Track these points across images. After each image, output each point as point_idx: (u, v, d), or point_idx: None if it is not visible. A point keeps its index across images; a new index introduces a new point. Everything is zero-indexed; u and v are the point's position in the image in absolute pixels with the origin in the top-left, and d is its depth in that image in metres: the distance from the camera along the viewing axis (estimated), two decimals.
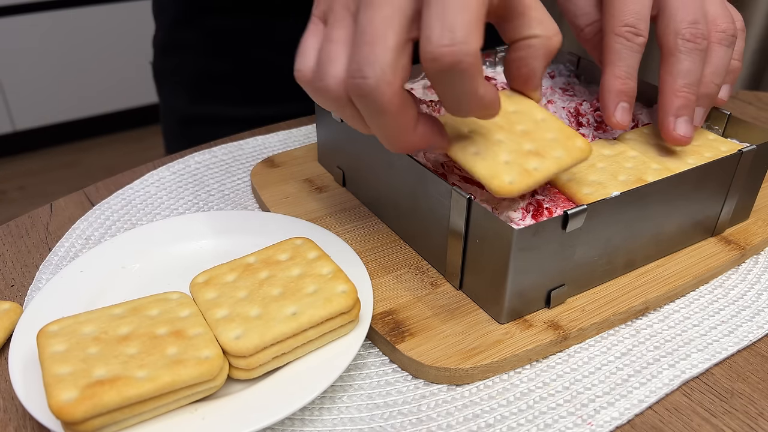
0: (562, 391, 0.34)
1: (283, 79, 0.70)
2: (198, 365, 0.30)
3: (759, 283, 0.42)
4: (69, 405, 0.27)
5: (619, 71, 0.42)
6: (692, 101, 0.41)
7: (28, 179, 2.12)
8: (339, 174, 0.49)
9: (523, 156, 0.35)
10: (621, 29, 0.41)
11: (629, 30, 0.41)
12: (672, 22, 0.41)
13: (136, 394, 0.28)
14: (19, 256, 0.44)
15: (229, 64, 0.70)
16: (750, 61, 1.28)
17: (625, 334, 0.38)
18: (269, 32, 0.68)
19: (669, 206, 0.39)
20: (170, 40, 0.72)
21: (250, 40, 0.68)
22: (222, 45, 0.69)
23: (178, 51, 0.72)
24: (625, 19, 0.41)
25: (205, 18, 0.68)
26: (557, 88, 0.55)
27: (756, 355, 0.37)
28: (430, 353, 0.34)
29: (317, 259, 0.36)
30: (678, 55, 0.41)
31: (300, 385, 0.31)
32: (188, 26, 0.69)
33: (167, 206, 0.49)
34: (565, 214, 0.34)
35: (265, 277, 0.35)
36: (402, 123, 0.31)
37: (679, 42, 0.41)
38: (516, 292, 0.35)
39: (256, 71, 0.70)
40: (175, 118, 0.77)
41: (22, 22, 2.00)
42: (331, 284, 0.34)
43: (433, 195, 0.38)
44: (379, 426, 0.32)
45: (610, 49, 0.42)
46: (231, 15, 0.67)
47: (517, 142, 0.36)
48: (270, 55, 0.69)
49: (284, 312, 0.32)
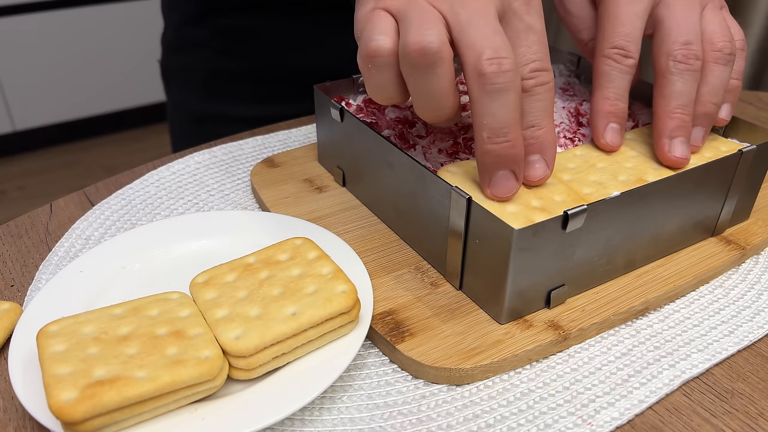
0: (563, 392, 0.34)
1: (294, 78, 0.70)
2: (198, 365, 0.30)
3: (759, 283, 0.42)
4: (69, 405, 0.27)
5: (608, 93, 0.42)
6: (687, 122, 0.41)
7: (28, 179, 2.12)
8: (339, 174, 0.49)
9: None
10: (610, 51, 0.42)
11: (618, 52, 0.42)
12: (664, 44, 0.41)
13: (136, 394, 0.28)
14: (18, 256, 0.44)
15: (239, 62, 0.70)
16: (750, 61, 1.28)
17: (626, 334, 0.38)
18: (281, 31, 0.68)
19: (669, 206, 0.39)
20: (180, 39, 0.72)
21: (262, 39, 0.69)
22: (233, 44, 0.69)
23: (188, 49, 0.72)
24: (615, 41, 0.42)
25: (216, 17, 0.68)
26: (557, 88, 0.55)
27: (756, 355, 0.37)
28: (430, 353, 0.34)
29: (317, 259, 0.36)
30: (670, 77, 0.41)
31: (300, 385, 0.31)
32: (199, 25, 0.70)
33: (167, 206, 0.49)
34: (565, 214, 0.34)
35: (265, 277, 0.35)
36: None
37: (670, 64, 0.41)
38: (516, 292, 0.35)
39: (266, 70, 0.70)
40: (184, 116, 0.77)
41: (22, 22, 2.00)
42: (331, 284, 0.34)
43: (433, 195, 0.38)
44: (379, 426, 0.32)
45: (599, 71, 0.43)
46: (243, 14, 0.67)
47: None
48: (281, 54, 0.69)
49: (284, 312, 0.32)
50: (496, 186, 0.36)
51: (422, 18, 0.33)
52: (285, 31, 0.68)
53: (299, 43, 0.69)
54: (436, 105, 0.35)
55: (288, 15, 0.67)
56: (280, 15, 0.67)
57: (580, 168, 0.41)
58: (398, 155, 0.40)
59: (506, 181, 0.36)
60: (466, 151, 0.43)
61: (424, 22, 0.33)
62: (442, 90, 0.34)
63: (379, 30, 0.34)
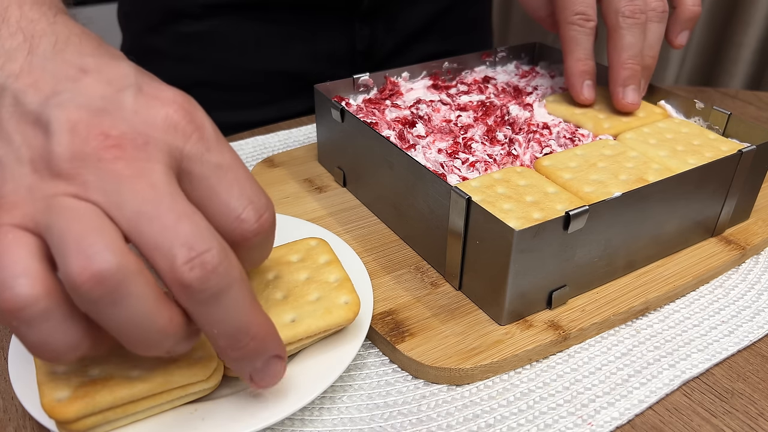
0: (563, 392, 0.34)
1: (259, 81, 0.70)
2: (191, 366, 0.29)
3: (759, 283, 0.42)
4: (61, 404, 0.27)
5: (579, 54, 0.47)
6: (638, 71, 0.47)
7: None
8: (339, 174, 0.49)
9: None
10: (573, 18, 0.47)
11: (580, 17, 0.47)
12: (612, 2, 0.46)
13: (129, 394, 0.28)
14: None
15: (202, 69, 0.69)
16: (750, 61, 1.28)
17: (626, 334, 0.38)
18: (243, 34, 0.67)
19: (669, 206, 0.39)
20: (140, 48, 0.70)
21: (224, 44, 0.67)
22: (194, 50, 0.68)
23: (149, 58, 0.70)
24: (575, 8, 0.47)
25: (176, 23, 0.67)
26: (558, 87, 0.55)
27: (756, 355, 0.37)
28: (430, 353, 0.34)
29: (327, 264, 0.35)
30: (620, 32, 0.46)
31: (300, 385, 0.31)
32: (158, 33, 0.68)
33: None
34: (566, 215, 0.34)
35: (272, 278, 0.35)
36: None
37: (620, 19, 0.46)
38: (516, 294, 0.35)
39: (230, 75, 0.69)
40: None
41: None
42: (335, 294, 0.34)
43: (432, 195, 0.38)
44: (379, 426, 0.32)
45: (566, 37, 0.48)
46: (203, 19, 0.66)
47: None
48: (244, 58, 0.68)
49: (283, 318, 0.32)
50: (263, 378, 0.28)
51: (78, 229, 0.23)
52: (247, 34, 0.67)
53: (262, 45, 0.68)
54: (151, 330, 0.24)
55: (250, 18, 0.66)
56: (242, 18, 0.66)
57: (580, 167, 0.41)
58: (398, 155, 0.40)
59: (274, 366, 0.28)
60: (465, 151, 0.44)
61: (84, 235, 0.23)
62: (146, 312, 0.24)
63: (13, 270, 0.23)
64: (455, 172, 0.41)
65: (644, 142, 0.45)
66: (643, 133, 0.46)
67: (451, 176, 0.41)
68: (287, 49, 0.68)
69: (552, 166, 0.42)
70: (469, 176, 0.41)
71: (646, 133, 0.46)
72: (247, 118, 0.66)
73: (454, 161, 0.42)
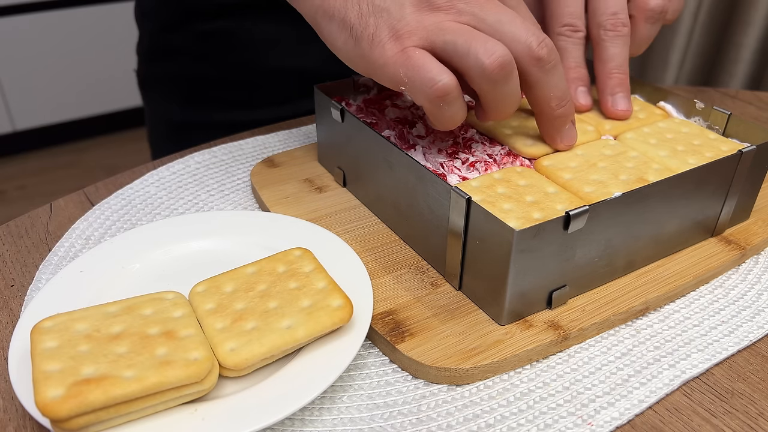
0: (563, 392, 0.34)
1: (276, 80, 0.70)
2: (185, 367, 0.29)
3: (759, 283, 0.42)
4: (54, 402, 0.27)
5: (569, 63, 0.49)
6: (624, 80, 0.48)
7: (28, 179, 2.12)
8: (339, 174, 0.49)
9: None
10: (561, 29, 0.48)
11: (569, 28, 0.48)
12: (594, 16, 0.48)
13: (122, 394, 0.28)
14: (18, 256, 0.44)
15: (220, 68, 0.69)
16: (750, 61, 1.28)
17: (626, 335, 0.38)
18: (262, 34, 0.67)
19: (669, 206, 0.39)
20: (157, 46, 0.71)
21: (242, 43, 0.68)
22: (213, 49, 0.68)
23: (167, 57, 0.71)
24: (563, 20, 0.48)
25: (195, 22, 0.67)
26: None
27: (756, 355, 0.37)
28: (430, 353, 0.34)
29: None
30: (603, 44, 0.48)
31: (300, 385, 0.31)
32: (176, 31, 0.68)
33: (167, 206, 0.49)
34: (566, 215, 0.34)
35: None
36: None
37: (601, 32, 0.48)
38: (516, 294, 0.35)
39: (248, 74, 0.70)
40: (165, 126, 0.76)
41: (22, 22, 2.00)
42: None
43: (432, 195, 0.38)
44: (379, 426, 0.32)
45: (557, 47, 0.48)
46: (222, 18, 0.67)
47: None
48: (263, 57, 0.68)
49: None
50: (566, 138, 0.43)
51: (472, 37, 0.36)
52: (264, 33, 0.67)
53: (278, 45, 0.68)
54: (515, 102, 0.39)
55: (269, 17, 0.66)
56: (258, 17, 0.66)
57: (581, 167, 0.41)
58: (398, 155, 0.40)
59: (571, 131, 0.43)
60: (465, 151, 0.43)
61: (480, 40, 0.36)
62: (518, 89, 0.38)
63: (435, 70, 0.36)
64: (455, 172, 0.41)
65: (644, 142, 0.45)
66: (644, 133, 0.46)
67: (451, 176, 0.41)
68: (303, 48, 0.68)
69: (552, 166, 0.42)
70: (469, 176, 0.41)
71: (647, 133, 0.46)
72: (262, 116, 0.66)
73: (454, 161, 0.42)
